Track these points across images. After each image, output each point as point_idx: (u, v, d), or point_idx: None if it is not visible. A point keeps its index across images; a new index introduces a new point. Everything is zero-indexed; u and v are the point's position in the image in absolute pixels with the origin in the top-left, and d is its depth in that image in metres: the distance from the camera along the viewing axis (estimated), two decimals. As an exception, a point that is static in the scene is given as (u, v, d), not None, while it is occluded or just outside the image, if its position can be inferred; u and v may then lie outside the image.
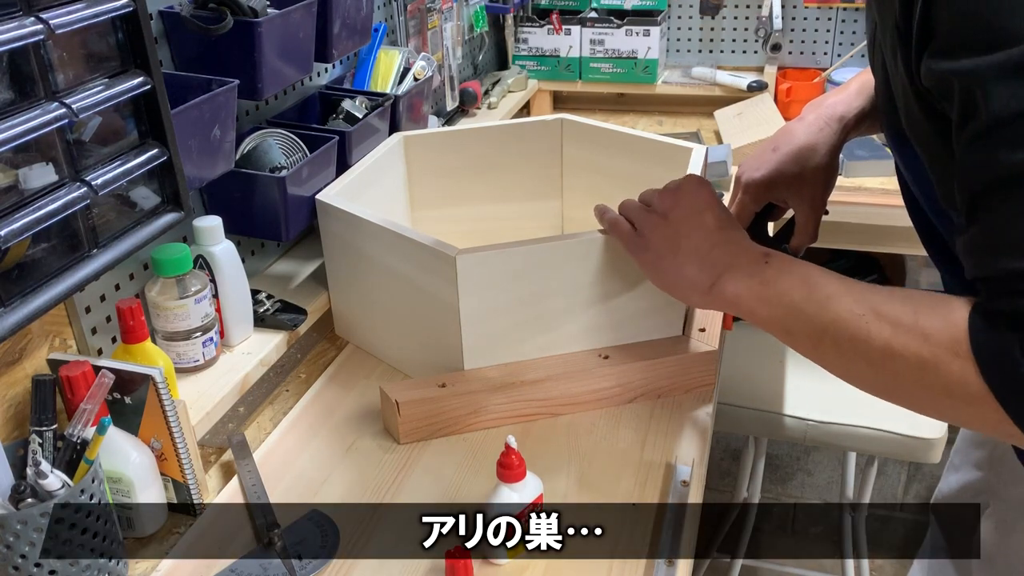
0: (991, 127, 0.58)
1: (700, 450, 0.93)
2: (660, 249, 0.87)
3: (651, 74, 2.06)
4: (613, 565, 0.79)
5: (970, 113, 0.60)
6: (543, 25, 2.08)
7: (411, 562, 0.79)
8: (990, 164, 0.59)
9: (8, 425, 0.84)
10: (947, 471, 1.09)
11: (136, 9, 0.80)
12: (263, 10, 1.03)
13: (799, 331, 0.74)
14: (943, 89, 0.62)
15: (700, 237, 0.84)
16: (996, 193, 0.59)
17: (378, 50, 1.43)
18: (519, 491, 0.79)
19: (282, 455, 0.95)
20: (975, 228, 0.62)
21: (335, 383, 1.07)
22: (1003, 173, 0.58)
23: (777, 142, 1.02)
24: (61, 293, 0.78)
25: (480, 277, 0.94)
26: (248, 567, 0.79)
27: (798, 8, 2.05)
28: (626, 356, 1.01)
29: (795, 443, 1.74)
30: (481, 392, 0.97)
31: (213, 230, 1.03)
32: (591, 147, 1.29)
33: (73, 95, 0.76)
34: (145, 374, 0.82)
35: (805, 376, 1.67)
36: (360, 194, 1.14)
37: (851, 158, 1.65)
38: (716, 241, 0.83)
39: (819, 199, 1.01)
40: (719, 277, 0.80)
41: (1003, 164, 0.58)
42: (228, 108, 0.99)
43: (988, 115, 0.58)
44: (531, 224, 1.34)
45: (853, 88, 1.01)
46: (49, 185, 0.76)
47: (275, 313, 1.12)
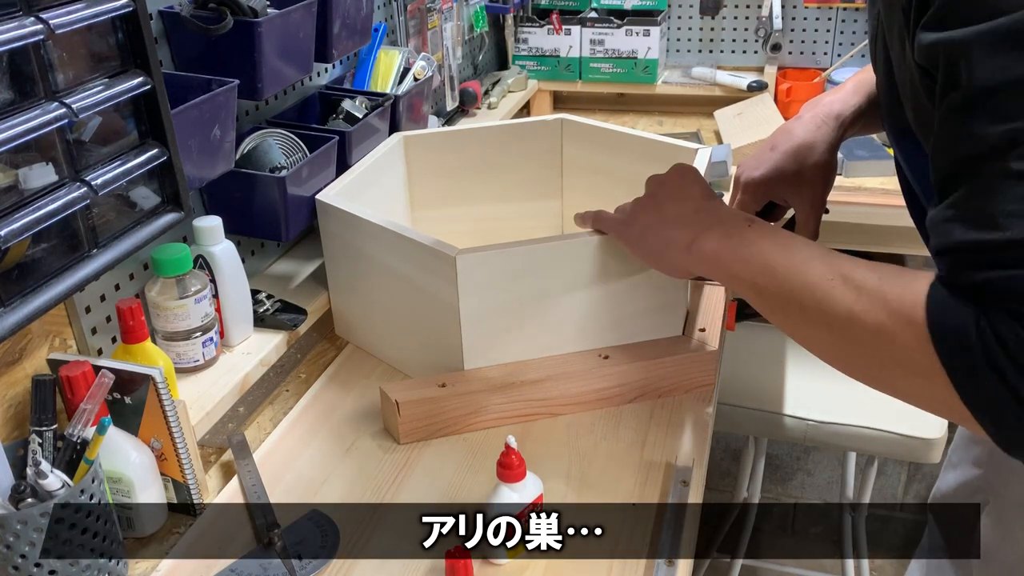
0: (971, 98, 0.58)
1: (700, 450, 0.93)
2: (646, 221, 0.90)
3: (651, 74, 2.06)
4: (613, 565, 0.79)
5: (952, 84, 0.59)
6: (543, 25, 2.08)
7: (411, 562, 0.79)
8: (963, 137, 0.58)
9: (8, 425, 0.84)
10: (945, 469, 1.09)
11: (136, 9, 0.80)
12: (263, 10, 1.03)
13: (769, 291, 0.74)
14: (931, 62, 0.61)
15: (685, 204, 0.87)
16: (971, 165, 0.58)
17: (378, 50, 1.43)
18: (519, 491, 0.79)
19: (282, 455, 0.95)
20: (947, 201, 0.61)
21: (335, 383, 1.07)
22: (974, 147, 0.57)
23: (775, 141, 1.03)
24: (61, 293, 0.78)
25: (480, 277, 0.94)
26: (248, 567, 0.79)
27: (798, 8, 2.05)
28: (626, 356, 1.01)
29: (795, 443, 1.74)
30: (481, 392, 0.97)
31: (213, 230, 1.03)
32: (591, 147, 1.29)
33: (73, 95, 0.76)
34: (145, 374, 0.82)
35: (805, 376, 1.67)
36: (360, 194, 1.14)
37: (851, 158, 1.65)
38: (700, 207, 0.86)
39: (819, 197, 1.01)
40: (699, 235, 0.82)
41: (976, 137, 0.57)
42: (228, 108, 0.99)
43: (969, 86, 0.57)
44: (531, 224, 1.33)
45: (849, 87, 1.01)
46: (49, 185, 0.76)
47: (275, 313, 1.12)
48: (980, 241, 0.57)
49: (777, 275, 0.73)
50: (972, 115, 0.58)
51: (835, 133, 1.00)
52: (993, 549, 0.95)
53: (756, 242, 0.77)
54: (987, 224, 0.57)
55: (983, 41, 0.56)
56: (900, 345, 0.62)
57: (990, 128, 0.57)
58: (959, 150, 0.59)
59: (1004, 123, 0.56)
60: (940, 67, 0.60)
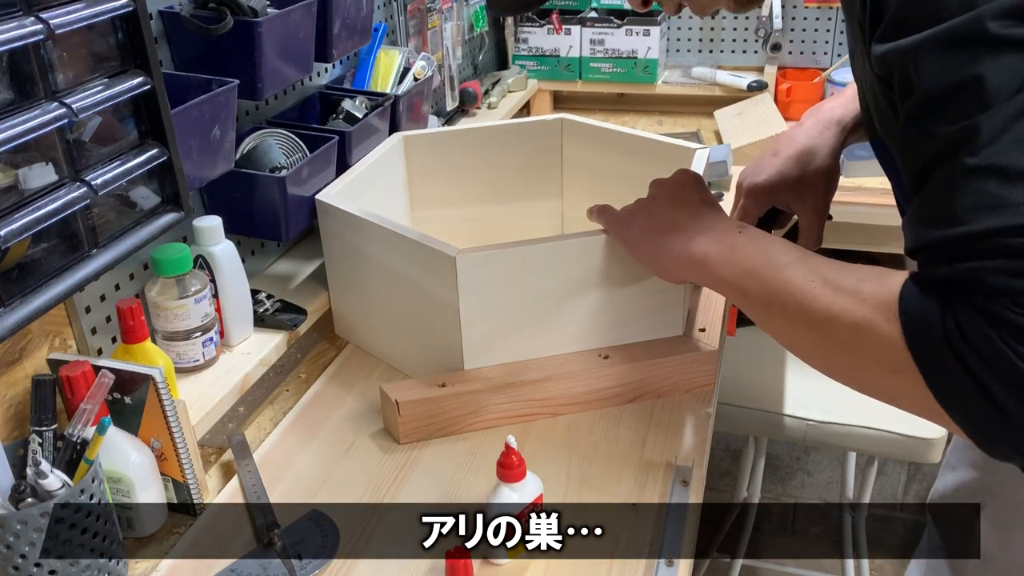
0: (925, 102, 0.60)
1: (700, 450, 0.93)
2: (643, 224, 0.92)
3: (651, 74, 2.06)
4: (613, 565, 0.79)
5: (907, 91, 0.61)
6: (543, 25, 2.08)
7: (411, 562, 0.79)
8: (926, 138, 0.60)
9: (8, 425, 0.84)
10: (943, 470, 1.09)
11: (136, 9, 0.80)
12: (263, 10, 1.03)
13: (754, 293, 0.76)
14: (887, 72, 0.64)
15: (682, 210, 0.89)
16: (933, 166, 0.60)
17: (378, 50, 1.43)
18: (519, 491, 0.79)
19: (282, 455, 0.95)
20: (913, 203, 0.63)
21: (335, 383, 1.07)
22: (938, 145, 0.59)
23: (777, 147, 1.03)
24: (61, 293, 0.78)
25: (480, 277, 0.94)
26: (248, 567, 0.79)
27: (798, 8, 2.05)
28: (626, 356, 1.01)
29: (795, 443, 1.74)
30: (481, 392, 0.97)
31: (213, 230, 1.03)
32: (591, 147, 1.29)
33: (73, 95, 0.76)
34: (145, 374, 0.82)
35: (805, 376, 1.67)
36: (360, 194, 1.14)
37: (851, 158, 1.65)
38: (696, 213, 0.87)
39: (822, 202, 1.02)
40: (691, 240, 0.84)
41: (937, 136, 0.59)
42: (228, 108, 0.99)
43: (922, 90, 0.59)
44: (531, 224, 1.33)
45: (850, 93, 1.02)
46: (49, 185, 0.76)
47: (275, 313, 1.12)
48: (943, 236, 0.59)
49: (759, 278, 0.75)
50: (927, 118, 0.60)
51: (837, 138, 1.01)
52: (991, 550, 0.95)
53: (742, 247, 0.79)
54: (948, 220, 0.58)
55: (929, 47, 0.58)
56: (876, 343, 0.63)
57: (944, 128, 0.58)
58: (921, 153, 0.61)
59: (956, 122, 0.58)
60: (895, 76, 0.62)
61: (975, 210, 0.57)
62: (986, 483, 0.97)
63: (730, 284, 0.80)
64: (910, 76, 0.60)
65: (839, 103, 1.02)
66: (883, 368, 0.64)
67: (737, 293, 0.79)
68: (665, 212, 0.90)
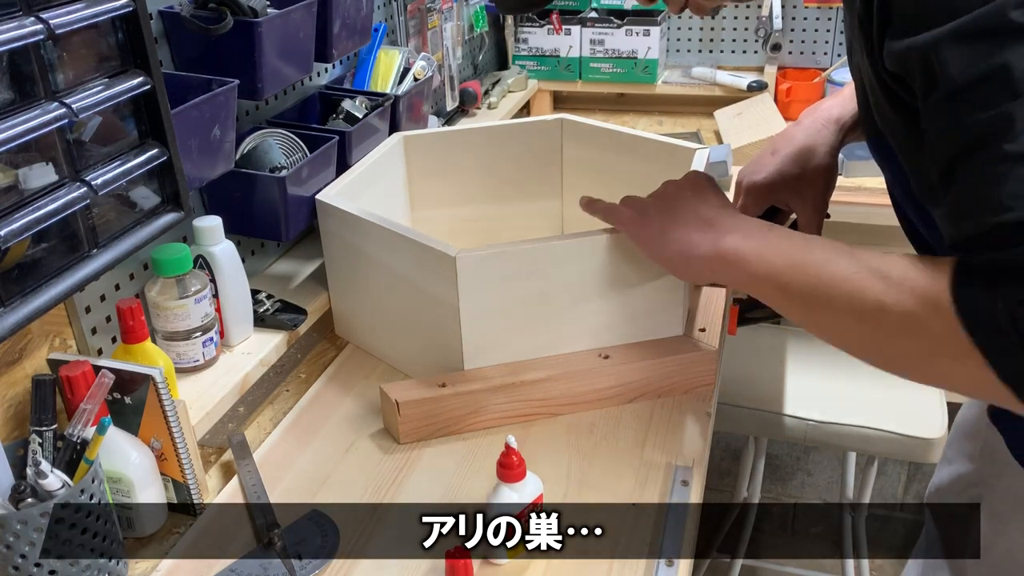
0: (952, 94, 0.60)
1: (700, 450, 0.93)
2: (663, 222, 0.89)
3: (651, 74, 2.06)
4: (613, 565, 0.79)
5: (931, 85, 0.61)
6: (543, 25, 2.08)
7: (411, 562, 0.79)
8: (956, 130, 0.60)
9: (8, 425, 0.84)
10: (940, 464, 1.09)
11: (136, 9, 0.80)
12: (263, 10, 1.03)
13: (795, 288, 0.75)
14: (906, 68, 0.63)
15: (704, 207, 0.87)
16: (966, 157, 0.60)
17: (378, 50, 1.43)
18: (519, 491, 0.79)
19: (282, 455, 0.95)
20: (951, 196, 0.62)
21: (335, 383, 1.07)
22: (969, 137, 0.59)
23: (776, 145, 1.04)
24: (61, 293, 0.78)
25: (480, 277, 0.94)
26: (248, 567, 0.79)
27: (798, 8, 2.05)
28: (626, 356, 1.01)
29: (795, 443, 1.74)
30: (481, 392, 0.97)
31: (213, 230, 1.03)
32: (591, 147, 1.29)
33: (73, 95, 0.76)
34: (145, 374, 0.82)
35: (805, 376, 1.67)
36: (360, 194, 1.14)
37: (851, 158, 1.65)
38: (720, 212, 0.86)
39: (820, 200, 1.02)
40: (720, 238, 0.82)
41: (967, 127, 0.59)
42: (228, 108, 0.99)
43: (946, 83, 0.59)
44: (531, 224, 1.34)
45: (848, 92, 1.02)
46: (49, 185, 0.76)
47: (275, 313, 1.12)
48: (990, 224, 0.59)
49: (802, 272, 0.74)
50: (954, 110, 0.60)
51: (836, 137, 1.01)
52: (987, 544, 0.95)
53: (778, 243, 0.78)
54: (994, 208, 0.58)
55: (951, 40, 0.59)
56: (932, 331, 0.63)
57: (975, 118, 0.59)
58: (949, 145, 0.61)
59: (987, 112, 0.58)
60: (916, 72, 0.62)
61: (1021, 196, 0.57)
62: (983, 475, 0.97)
63: (767, 280, 0.78)
64: (932, 70, 0.60)
65: (837, 102, 1.03)
66: (941, 356, 0.64)
67: (774, 289, 0.77)
68: (686, 210, 0.88)
